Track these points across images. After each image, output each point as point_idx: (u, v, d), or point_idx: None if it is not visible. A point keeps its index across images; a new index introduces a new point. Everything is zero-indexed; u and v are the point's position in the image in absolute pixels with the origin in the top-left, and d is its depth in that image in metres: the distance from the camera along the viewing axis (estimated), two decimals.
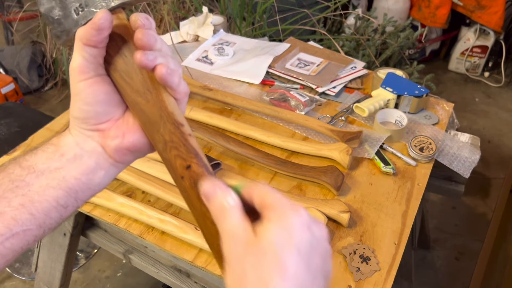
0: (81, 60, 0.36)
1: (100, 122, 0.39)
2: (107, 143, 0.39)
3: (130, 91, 0.37)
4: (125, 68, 0.37)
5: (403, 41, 1.90)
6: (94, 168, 0.39)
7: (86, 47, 0.35)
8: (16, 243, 0.35)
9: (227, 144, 0.94)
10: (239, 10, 1.76)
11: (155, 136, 0.37)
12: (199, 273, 0.82)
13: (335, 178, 0.86)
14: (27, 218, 0.35)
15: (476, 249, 1.64)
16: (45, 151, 0.38)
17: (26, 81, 2.43)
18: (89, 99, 0.37)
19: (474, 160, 0.98)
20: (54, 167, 0.37)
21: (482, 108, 2.47)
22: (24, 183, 0.36)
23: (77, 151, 0.38)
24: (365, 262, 0.74)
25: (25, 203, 0.35)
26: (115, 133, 0.39)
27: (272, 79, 1.24)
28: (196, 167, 0.36)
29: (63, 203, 0.37)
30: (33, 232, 0.36)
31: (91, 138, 0.39)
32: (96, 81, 0.37)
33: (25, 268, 1.58)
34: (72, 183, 0.38)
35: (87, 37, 0.35)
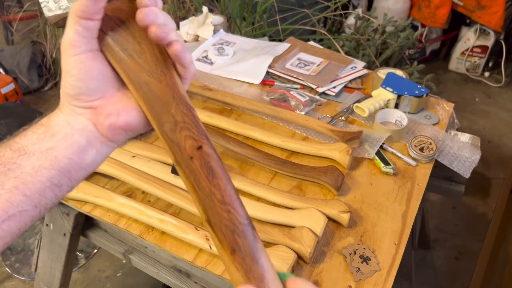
0: (74, 34, 0.35)
1: (93, 99, 0.38)
2: (100, 121, 0.38)
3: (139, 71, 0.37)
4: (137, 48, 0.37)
5: (403, 41, 1.90)
6: (85, 147, 0.38)
7: (80, 20, 0.35)
8: (13, 225, 0.35)
9: (227, 144, 0.94)
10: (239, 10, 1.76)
11: (163, 116, 0.36)
12: (199, 273, 0.82)
13: (335, 178, 0.86)
14: (22, 199, 0.35)
15: (476, 249, 1.64)
16: (35, 132, 0.38)
17: (26, 81, 2.43)
18: (81, 75, 0.36)
19: (474, 160, 0.98)
20: (45, 148, 0.37)
21: (482, 108, 2.47)
22: (16, 165, 0.36)
23: (68, 130, 0.38)
24: (365, 262, 0.74)
25: (18, 185, 0.35)
26: (109, 111, 0.38)
27: (272, 79, 1.24)
28: (207, 148, 0.36)
29: (57, 182, 0.37)
30: (30, 212, 0.36)
31: (82, 116, 0.38)
32: (89, 57, 0.36)
33: (25, 268, 1.58)
34: (65, 162, 0.37)
35: (82, 8, 0.34)
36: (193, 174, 0.35)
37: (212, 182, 0.35)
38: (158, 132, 0.37)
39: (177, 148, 0.36)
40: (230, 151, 0.95)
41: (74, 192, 0.84)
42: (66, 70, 0.37)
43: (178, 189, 0.82)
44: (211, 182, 0.35)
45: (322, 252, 0.76)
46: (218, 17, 1.48)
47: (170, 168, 0.87)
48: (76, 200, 0.85)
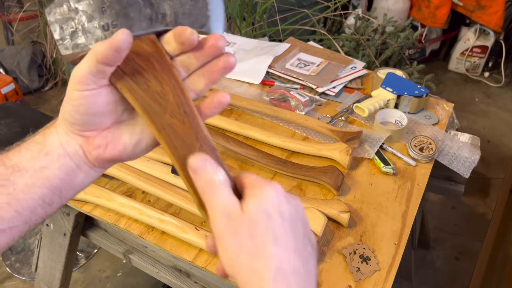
0: (87, 72, 0.35)
1: (86, 129, 0.38)
2: (89, 150, 0.39)
3: (162, 112, 0.37)
4: (159, 89, 0.37)
5: (403, 41, 1.90)
6: (75, 170, 0.39)
7: (98, 63, 0.34)
8: (2, 240, 0.36)
9: (227, 144, 0.94)
10: (239, 10, 1.76)
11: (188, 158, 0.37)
12: (199, 273, 0.82)
13: (335, 178, 0.86)
14: (13, 215, 0.36)
15: (476, 249, 1.64)
16: (29, 149, 0.38)
17: (26, 81, 2.43)
18: (80, 109, 0.37)
19: (474, 160, 0.98)
20: (39, 166, 0.37)
21: (482, 108, 2.47)
22: (9, 182, 0.36)
23: (60, 151, 0.38)
24: (365, 262, 0.74)
25: (10, 201, 0.36)
26: (99, 143, 0.39)
27: (272, 79, 1.24)
28: None
29: (48, 200, 0.38)
30: (19, 228, 0.37)
31: (74, 140, 0.39)
32: (94, 94, 0.36)
33: (25, 268, 1.58)
34: (57, 182, 0.38)
35: (104, 54, 0.34)
36: None
37: None
38: (181, 173, 0.37)
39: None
40: (230, 151, 0.95)
41: None
42: (68, 98, 0.37)
43: (178, 189, 0.83)
44: None
45: (322, 252, 0.76)
46: None
47: (170, 168, 0.87)
48: (76, 200, 0.85)
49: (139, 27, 0.38)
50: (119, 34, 0.33)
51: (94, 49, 0.34)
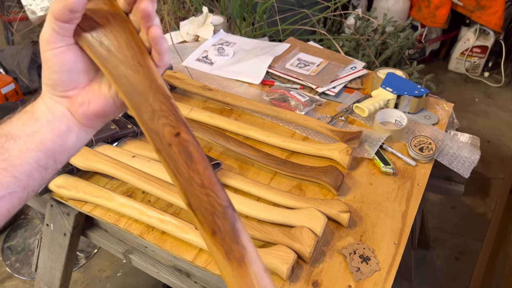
0: (51, 31, 0.37)
1: (67, 89, 0.41)
2: (75, 109, 0.41)
3: (117, 64, 0.39)
4: (114, 42, 0.39)
5: (403, 41, 1.90)
6: (66, 132, 0.41)
7: (57, 21, 0.37)
8: (3, 206, 0.37)
9: (227, 144, 0.94)
10: (239, 10, 1.76)
11: (142, 106, 0.38)
12: (199, 273, 0.82)
13: (335, 178, 0.86)
14: (11, 181, 0.37)
15: (476, 249, 1.64)
16: (20, 118, 0.40)
17: (27, 81, 2.43)
18: (55, 68, 0.39)
19: (474, 160, 0.98)
20: (30, 131, 0.39)
21: (481, 108, 2.47)
22: (3, 149, 0.38)
23: (49, 116, 0.41)
24: (365, 262, 0.74)
25: (7, 167, 0.37)
26: (81, 100, 0.41)
27: (272, 79, 1.24)
28: (185, 135, 0.37)
29: (43, 164, 0.40)
30: (18, 194, 0.38)
31: (60, 104, 0.41)
32: (63, 51, 0.39)
33: (25, 268, 1.58)
34: (49, 145, 0.40)
35: (59, 12, 0.36)
36: (173, 161, 0.37)
37: (191, 167, 0.36)
38: (138, 122, 0.38)
39: (156, 136, 0.37)
40: (230, 151, 0.95)
41: (74, 192, 0.84)
42: (44, 62, 0.39)
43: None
44: (190, 167, 0.36)
45: (322, 252, 0.76)
46: (218, 17, 1.48)
47: None
48: (76, 200, 0.85)
49: None
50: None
51: (51, 9, 0.37)
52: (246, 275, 0.33)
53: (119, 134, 0.96)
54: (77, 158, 0.88)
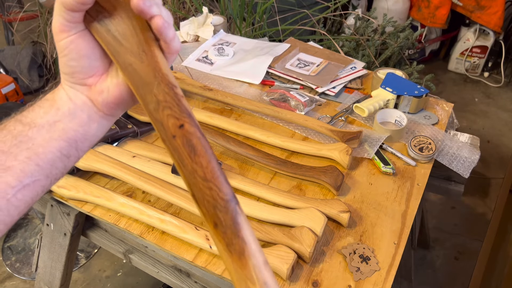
0: (62, 20, 0.37)
1: (86, 76, 0.40)
2: (95, 97, 0.41)
3: (123, 52, 0.39)
4: (120, 29, 0.39)
5: (402, 41, 1.90)
6: (87, 121, 0.41)
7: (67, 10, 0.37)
8: (27, 194, 0.37)
9: (227, 144, 0.94)
10: (239, 10, 1.76)
11: (147, 96, 0.38)
12: (199, 272, 0.82)
13: (335, 178, 0.86)
14: (35, 169, 0.38)
15: (475, 249, 1.64)
16: (41, 106, 0.40)
17: (27, 81, 2.43)
18: (73, 55, 0.39)
19: (473, 160, 0.99)
20: (53, 121, 0.39)
21: (481, 108, 2.47)
22: (27, 137, 0.38)
23: (70, 105, 0.40)
24: (365, 262, 0.74)
25: (31, 156, 0.38)
26: (100, 88, 0.41)
27: (272, 79, 1.24)
28: (189, 126, 0.37)
29: (66, 153, 0.40)
30: (42, 182, 0.38)
31: (80, 92, 0.41)
32: (78, 37, 0.39)
33: (25, 268, 1.59)
34: (72, 134, 0.40)
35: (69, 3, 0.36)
36: (177, 152, 0.37)
37: (194, 159, 0.36)
38: (145, 111, 0.38)
39: (161, 127, 0.37)
40: (230, 151, 0.95)
41: (74, 192, 0.84)
42: (60, 51, 0.39)
43: (178, 189, 0.83)
44: (193, 160, 0.36)
45: (322, 251, 0.76)
46: (218, 18, 1.49)
47: (170, 168, 0.87)
48: (76, 200, 0.85)
49: None
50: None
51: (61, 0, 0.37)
52: (246, 268, 0.34)
53: (119, 134, 0.96)
54: None
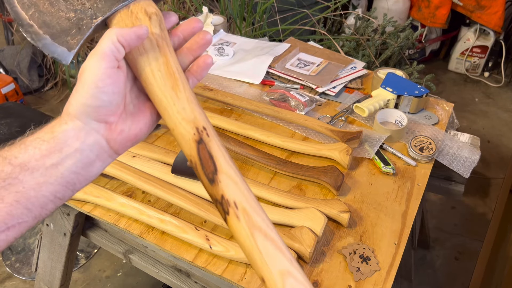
0: (110, 51, 0.37)
1: (111, 113, 0.39)
2: (114, 137, 0.39)
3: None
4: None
5: (403, 41, 1.90)
6: (94, 161, 0.39)
7: (122, 47, 0.37)
8: (10, 235, 0.35)
9: (227, 144, 0.94)
10: (239, 10, 1.76)
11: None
12: (199, 273, 0.82)
13: (335, 178, 0.86)
14: (23, 212, 0.35)
15: (475, 249, 1.64)
16: (37, 148, 0.36)
17: (27, 81, 2.43)
18: (106, 88, 0.37)
19: (474, 160, 0.98)
20: (50, 164, 0.36)
21: (481, 108, 2.47)
22: (17, 180, 0.35)
23: (78, 145, 0.37)
24: (365, 262, 0.74)
25: (20, 199, 0.35)
26: (121, 127, 0.40)
27: (272, 79, 1.24)
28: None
29: (60, 196, 0.37)
30: (29, 223, 0.36)
31: (95, 131, 0.38)
32: (117, 72, 0.38)
33: (25, 268, 1.58)
34: (72, 177, 0.37)
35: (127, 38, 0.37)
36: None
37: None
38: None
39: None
40: (230, 151, 0.95)
41: None
42: (92, 81, 0.37)
43: (178, 189, 0.83)
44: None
45: (322, 252, 0.76)
46: (218, 17, 1.48)
47: (170, 168, 0.87)
48: (76, 200, 0.85)
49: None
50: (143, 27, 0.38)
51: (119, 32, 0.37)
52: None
53: None
54: None
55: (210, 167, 0.38)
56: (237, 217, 0.37)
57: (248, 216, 0.37)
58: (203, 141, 0.38)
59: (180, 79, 0.40)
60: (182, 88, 0.40)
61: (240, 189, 0.38)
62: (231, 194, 0.37)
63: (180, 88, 0.40)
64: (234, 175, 0.38)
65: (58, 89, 2.51)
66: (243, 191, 0.38)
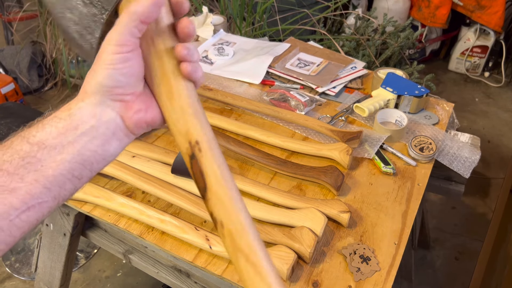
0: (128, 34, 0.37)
1: (127, 93, 0.39)
2: (129, 115, 0.40)
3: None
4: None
5: (403, 41, 1.90)
6: (110, 139, 0.39)
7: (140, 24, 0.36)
8: (32, 215, 0.35)
9: (227, 144, 0.94)
10: (239, 10, 1.76)
11: None
12: (199, 273, 0.82)
13: (335, 178, 0.86)
14: (42, 191, 0.35)
15: (476, 249, 1.64)
16: (54, 126, 0.37)
17: (26, 81, 2.43)
18: (125, 70, 0.37)
19: (474, 160, 0.98)
20: (67, 142, 0.36)
21: (482, 108, 2.47)
22: (35, 159, 0.35)
23: (94, 122, 0.38)
24: (365, 262, 0.74)
25: (38, 178, 0.35)
26: (139, 107, 0.40)
27: (272, 79, 1.24)
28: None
29: (78, 174, 0.37)
30: (48, 204, 0.36)
31: (111, 108, 0.39)
32: (134, 55, 0.38)
33: (25, 268, 1.58)
34: (88, 155, 0.38)
35: (146, 13, 0.36)
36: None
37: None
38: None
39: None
40: (230, 151, 0.95)
41: None
42: (108, 62, 0.37)
43: (178, 189, 0.83)
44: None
45: (322, 252, 0.76)
46: (218, 17, 1.48)
47: (170, 168, 0.87)
48: (76, 200, 0.85)
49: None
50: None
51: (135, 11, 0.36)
52: None
53: None
54: None
55: (201, 183, 0.38)
56: (223, 235, 0.37)
57: (232, 238, 0.37)
58: (195, 156, 0.38)
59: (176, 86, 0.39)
60: (177, 96, 0.39)
61: (227, 211, 0.37)
62: (218, 213, 0.37)
63: (174, 96, 0.39)
64: (223, 195, 0.37)
65: (58, 89, 2.51)
66: (230, 213, 0.37)
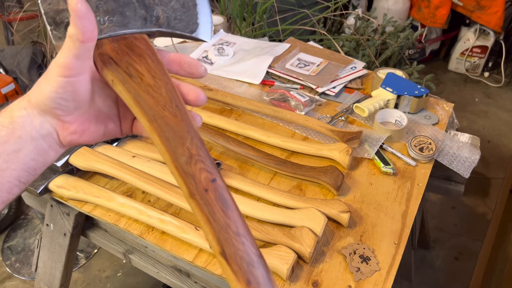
0: (72, 58, 0.35)
1: (65, 115, 0.39)
2: (64, 135, 0.40)
3: (155, 105, 0.38)
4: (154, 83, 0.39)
5: (403, 41, 1.90)
6: (48, 150, 0.40)
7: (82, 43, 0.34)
8: None
9: (227, 144, 0.94)
10: (239, 10, 1.76)
11: (179, 149, 0.37)
12: (199, 273, 0.82)
13: (335, 178, 0.86)
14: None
15: (475, 249, 1.64)
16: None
17: (27, 81, 2.43)
18: (66, 95, 0.37)
19: (474, 160, 0.98)
20: (11, 150, 0.37)
21: (481, 108, 2.47)
22: None
23: (34, 133, 0.38)
24: (365, 262, 0.74)
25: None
26: (75, 129, 0.40)
27: (272, 79, 1.24)
28: (220, 181, 0.37)
29: (24, 180, 0.39)
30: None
31: (49, 124, 0.39)
32: (79, 81, 0.37)
33: (25, 268, 1.58)
34: (32, 163, 0.39)
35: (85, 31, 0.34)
36: (208, 207, 0.36)
37: (227, 214, 0.36)
38: (171, 164, 0.37)
39: (191, 181, 0.36)
40: (230, 151, 0.95)
41: (74, 192, 0.84)
42: (52, 84, 0.36)
43: (178, 189, 0.83)
44: (226, 214, 0.36)
45: (322, 252, 0.76)
46: (218, 17, 1.49)
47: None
48: (76, 200, 0.85)
49: (134, 25, 0.40)
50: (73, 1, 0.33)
51: (70, 33, 0.34)
52: None
53: None
54: (77, 158, 0.88)
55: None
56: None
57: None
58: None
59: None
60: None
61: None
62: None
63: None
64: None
65: None
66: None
